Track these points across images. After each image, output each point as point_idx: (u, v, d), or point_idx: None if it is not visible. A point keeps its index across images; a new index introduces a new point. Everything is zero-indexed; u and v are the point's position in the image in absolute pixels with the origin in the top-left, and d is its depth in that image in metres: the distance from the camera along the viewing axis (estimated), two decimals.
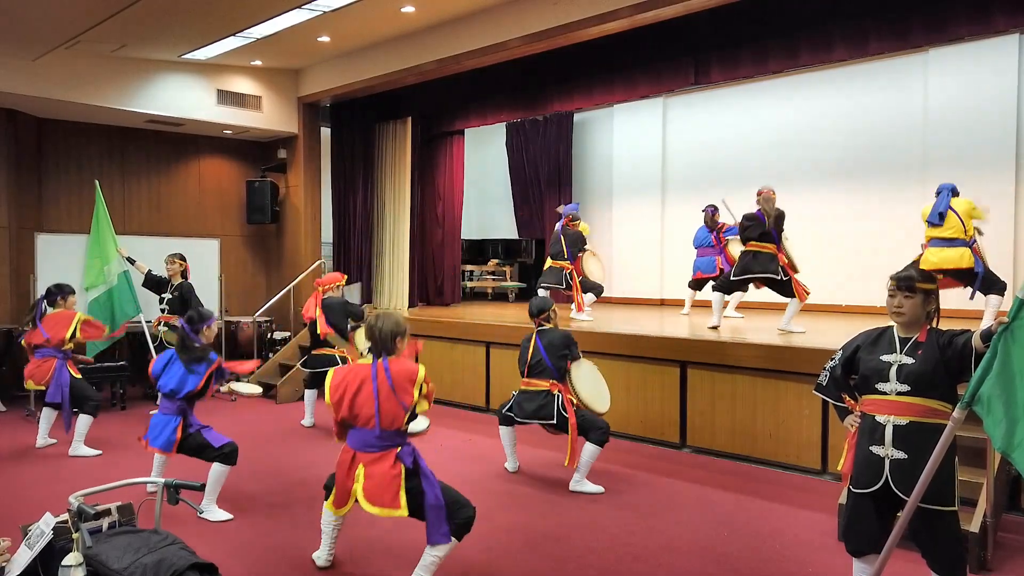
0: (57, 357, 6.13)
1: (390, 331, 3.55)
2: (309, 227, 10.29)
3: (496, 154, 12.49)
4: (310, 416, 7.08)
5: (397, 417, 3.44)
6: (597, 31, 6.95)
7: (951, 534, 2.88)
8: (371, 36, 8.39)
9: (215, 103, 9.37)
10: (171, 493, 2.84)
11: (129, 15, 6.75)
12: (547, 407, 5.06)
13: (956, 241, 5.96)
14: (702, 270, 8.24)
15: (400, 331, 3.58)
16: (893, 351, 2.98)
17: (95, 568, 2.53)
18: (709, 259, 8.21)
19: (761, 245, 6.44)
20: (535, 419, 5.11)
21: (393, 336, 3.56)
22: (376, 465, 3.43)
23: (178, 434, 4.50)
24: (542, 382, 5.14)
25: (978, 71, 7.91)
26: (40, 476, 5.36)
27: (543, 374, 5.15)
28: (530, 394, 5.17)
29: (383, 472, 3.40)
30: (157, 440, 4.52)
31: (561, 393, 5.09)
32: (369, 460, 3.45)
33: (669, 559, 3.89)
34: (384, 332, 3.55)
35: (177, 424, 4.53)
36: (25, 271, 8.37)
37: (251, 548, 4.04)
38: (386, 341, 3.55)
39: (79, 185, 9.24)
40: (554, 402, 5.05)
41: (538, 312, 5.33)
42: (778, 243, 6.42)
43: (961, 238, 5.94)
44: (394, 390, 3.42)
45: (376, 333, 3.57)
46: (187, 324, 4.71)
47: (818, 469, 5.39)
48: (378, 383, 3.46)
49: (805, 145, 9.33)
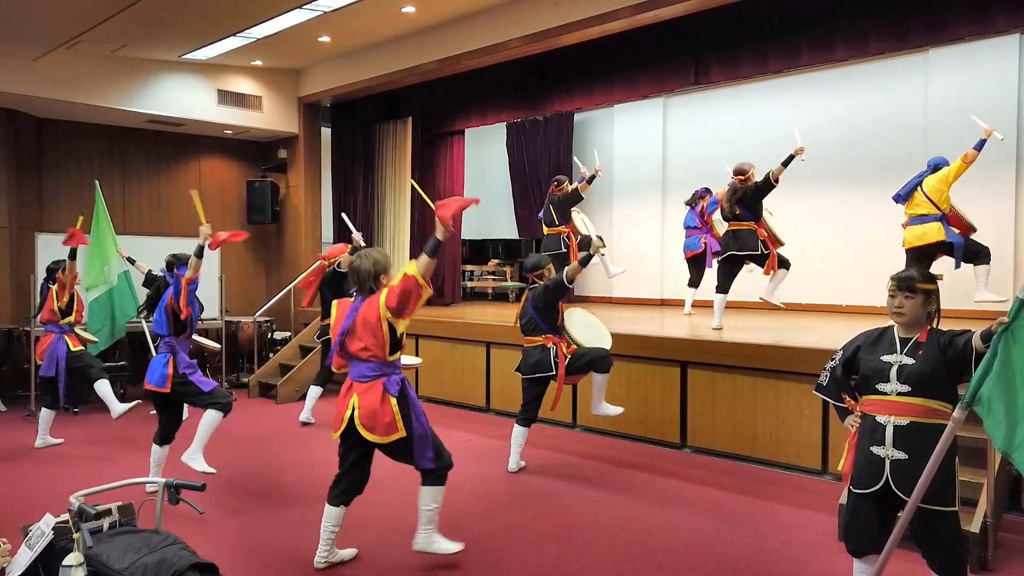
0: (55, 332, 6.15)
1: (369, 270, 3.61)
2: (309, 227, 10.30)
3: (496, 154, 12.49)
4: (308, 411, 7.06)
5: (377, 348, 3.53)
6: (597, 31, 6.95)
7: (951, 534, 2.87)
8: (371, 36, 8.39)
9: (215, 103, 9.38)
10: (171, 493, 2.84)
11: (130, 15, 6.75)
12: (543, 360, 5.26)
13: (928, 216, 6.04)
14: (690, 249, 8.21)
15: (382, 268, 3.62)
16: (894, 351, 2.97)
17: (96, 568, 2.53)
18: (694, 238, 8.18)
19: (739, 224, 6.56)
20: (535, 372, 5.30)
21: (375, 275, 3.61)
22: (367, 395, 3.56)
23: (169, 369, 4.70)
24: (537, 338, 5.34)
25: (978, 71, 7.90)
26: (41, 476, 5.36)
27: (536, 331, 5.35)
28: (529, 350, 5.38)
29: (373, 400, 3.53)
30: (152, 378, 4.74)
31: (556, 345, 5.29)
32: (361, 389, 3.58)
33: (669, 559, 3.89)
34: (363, 271, 3.61)
35: (167, 360, 4.74)
36: (25, 271, 8.37)
37: (252, 548, 4.04)
38: (366, 280, 3.60)
39: (79, 185, 9.24)
40: (549, 355, 5.25)
41: (532, 268, 5.44)
42: (754, 219, 6.50)
43: (932, 213, 6.02)
44: (369, 322, 3.52)
45: (356, 273, 3.63)
46: (166, 270, 5.01)
47: (818, 469, 5.39)
48: (357, 317, 3.56)
49: (805, 145, 9.31)
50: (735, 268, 6.76)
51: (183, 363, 4.77)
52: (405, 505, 4.50)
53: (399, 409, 3.55)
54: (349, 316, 3.60)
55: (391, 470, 3.96)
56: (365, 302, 3.60)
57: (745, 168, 6.57)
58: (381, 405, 3.54)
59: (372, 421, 3.53)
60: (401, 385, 3.62)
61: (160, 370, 4.71)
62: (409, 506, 4.02)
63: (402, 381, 3.64)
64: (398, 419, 3.54)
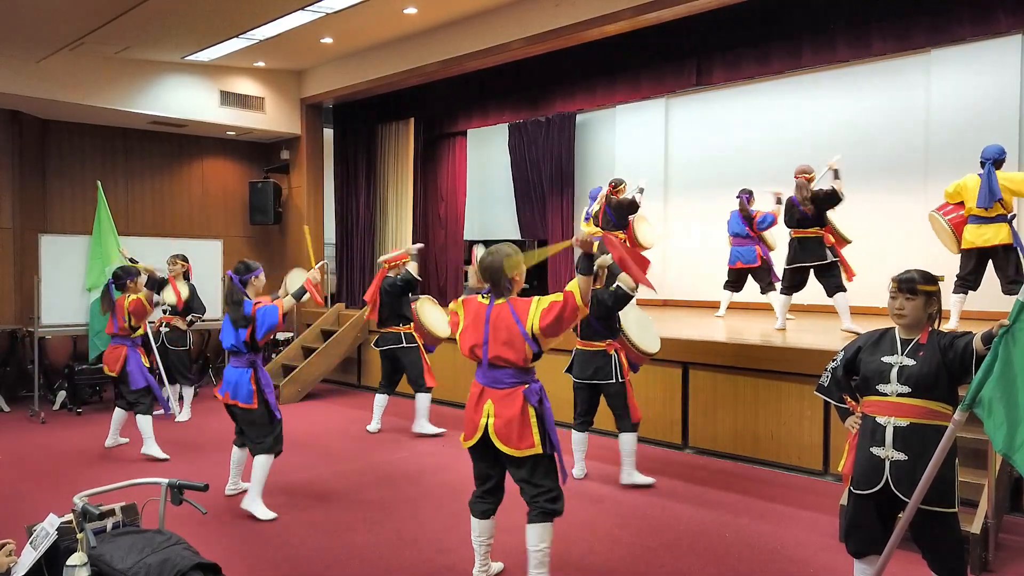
0: (126, 345, 5.97)
1: (501, 267, 3.28)
2: (312, 228, 10.31)
3: (498, 155, 12.48)
4: (378, 421, 6.80)
5: (516, 359, 3.24)
6: (598, 32, 6.96)
7: (952, 535, 2.88)
8: (374, 37, 8.41)
9: (218, 104, 9.40)
10: (175, 494, 2.85)
11: (133, 17, 6.77)
12: (604, 368, 5.04)
13: (997, 218, 5.66)
14: (743, 259, 7.80)
15: (515, 264, 3.31)
16: (894, 352, 2.98)
17: (99, 568, 2.54)
18: (749, 248, 7.78)
19: (803, 231, 6.41)
20: (594, 379, 5.07)
21: (509, 274, 3.30)
22: (504, 403, 3.27)
23: (254, 385, 4.54)
24: (598, 343, 5.09)
25: (981, 72, 7.90)
26: (44, 476, 5.38)
27: (597, 336, 5.09)
28: (588, 355, 5.11)
29: (511, 410, 3.25)
30: (238, 394, 4.53)
31: (617, 352, 5.07)
32: (497, 397, 3.30)
33: (670, 559, 3.90)
34: (495, 268, 3.30)
35: (250, 376, 4.56)
36: (29, 272, 8.39)
37: (254, 548, 4.05)
38: (500, 278, 3.30)
39: (83, 186, 9.27)
40: (611, 363, 5.04)
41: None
42: (819, 224, 6.34)
43: (1001, 213, 5.65)
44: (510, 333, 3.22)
45: (489, 270, 3.31)
46: (235, 275, 4.68)
47: (819, 470, 5.39)
48: (493, 324, 3.26)
49: (808, 146, 9.31)
50: (804, 276, 6.60)
51: (263, 379, 4.62)
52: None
53: (537, 421, 3.26)
54: (482, 321, 3.31)
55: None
56: (502, 308, 3.29)
57: (809, 168, 6.49)
58: (521, 415, 3.25)
59: (508, 431, 3.25)
60: (540, 395, 3.33)
61: (246, 387, 4.53)
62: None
63: (541, 391, 3.35)
64: (535, 432, 3.24)
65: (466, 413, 3.45)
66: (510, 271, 3.32)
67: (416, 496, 4.92)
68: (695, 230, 10.16)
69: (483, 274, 3.37)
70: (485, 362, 3.35)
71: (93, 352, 7.63)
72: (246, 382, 4.54)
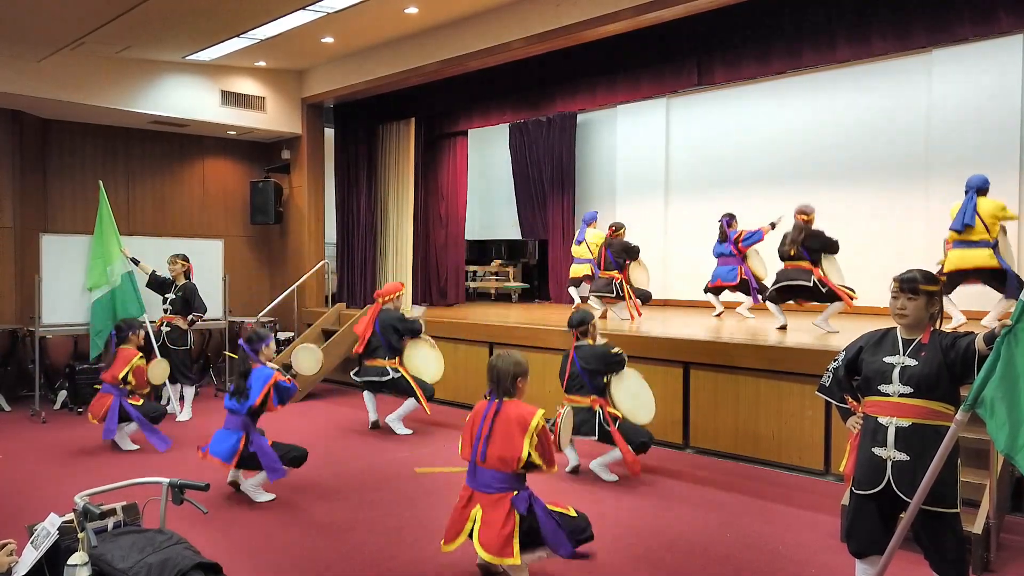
0: (114, 394, 6.03)
1: (509, 371, 3.45)
2: (313, 228, 10.32)
3: (499, 155, 12.50)
4: (373, 412, 6.92)
5: (509, 462, 3.36)
6: (599, 32, 6.96)
7: (953, 536, 2.88)
8: (375, 37, 8.41)
9: (219, 104, 9.40)
10: (176, 493, 2.85)
11: (134, 17, 6.77)
12: (588, 423, 5.10)
13: (980, 243, 5.99)
14: (722, 278, 8.10)
15: (520, 371, 3.48)
16: (896, 353, 2.98)
17: (100, 567, 2.54)
18: (731, 268, 8.06)
19: (794, 263, 6.56)
20: (577, 435, 5.09)
21: (513, 376, 3.47)
22: (492, 510, 3.36)
23: (240, 447, 4.67)
24: (582, 398, 5.17)
25: (982, 72, 7.90)
26: (45, 476, 5.38)
27: (582, 390, 5.18)
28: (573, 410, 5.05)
29: (498, 519, 3.33)
30: (219, 451, 4.68)
31: (602, 408, 5.13)
32: (486, 502, 3.39)
33: (671, 559, 3.90)
34: (502, 372, 3.46)
35: (239, 439, 4.69)
36: (30, 271, 8.39)
37: (255, 548, 4.05)
38: (504, 381, 3.46)
39: (84, 186, 9.27)
40: (594, 419, 5.10)
41: (577, 324, 5.30)
42: (811, 260, 6.47)
43: (985, 239, 5.97)
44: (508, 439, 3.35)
45: (495, 373, 3.47)
46: (246, 344, 4.84)
47: (821, 470, 5.39)
48: (491, 425, 3.40)
49: (808, 146, 9.33)
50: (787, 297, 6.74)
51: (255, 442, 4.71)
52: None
53: (519, 531, 3.32)
54: (485, 421, 3.42)
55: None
56: (504, 413, 3.42)
57: (809, 209, 6.61)
58: (505, 522, 3.31)
59: (490, 539, 3.30)
60: (529, 502, 3.39)
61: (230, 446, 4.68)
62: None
63: (531, 497, 3.42)
64: (515, 545, 3.29)
65: (452, 515, 3.54)
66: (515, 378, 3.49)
67: (416, 496, 4.92)
68: (695, 230, 10.16)
69: (489, 374, 3.54)
70: (474, 465, 3.48)
71: (94, 352, 7.63)
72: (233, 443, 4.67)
